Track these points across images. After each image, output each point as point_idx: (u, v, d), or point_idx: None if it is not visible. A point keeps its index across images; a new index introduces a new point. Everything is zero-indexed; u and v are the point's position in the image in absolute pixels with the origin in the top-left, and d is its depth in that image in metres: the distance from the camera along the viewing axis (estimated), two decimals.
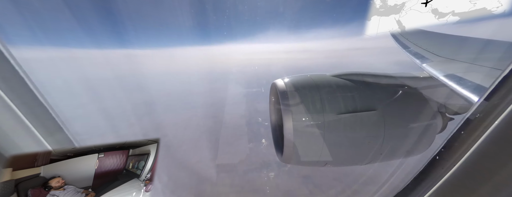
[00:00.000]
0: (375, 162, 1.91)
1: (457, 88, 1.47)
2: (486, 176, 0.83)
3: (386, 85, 1.91)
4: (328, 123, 1.68)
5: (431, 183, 1.02)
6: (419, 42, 3.12)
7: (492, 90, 0.85)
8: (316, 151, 1.74)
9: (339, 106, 1.73)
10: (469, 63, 1.92)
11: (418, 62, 2.27)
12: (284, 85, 1.85)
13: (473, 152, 0.86)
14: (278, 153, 2.02)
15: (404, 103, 1.86)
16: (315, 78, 1.94)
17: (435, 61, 2.16)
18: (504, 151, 0.77)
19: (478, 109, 0.89)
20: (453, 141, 0.97)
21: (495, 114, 0.79)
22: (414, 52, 2.64)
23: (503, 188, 0.79)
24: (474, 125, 0.89)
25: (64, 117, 1.64)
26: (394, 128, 1.74)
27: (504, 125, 0.76)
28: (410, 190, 1.18)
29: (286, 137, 1.73)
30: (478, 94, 1.30)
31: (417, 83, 2.00)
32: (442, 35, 3.55)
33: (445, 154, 1.00)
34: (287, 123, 1.69)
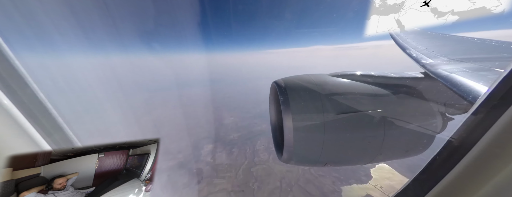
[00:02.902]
0: (375, 162, 1.91)
1: (457, 88, 1.47)
2: (486, 176, 0.83)
3: (386, 85, 1.91)
4: (328, 123, 1.68)
5: (431, 183, 1.02)
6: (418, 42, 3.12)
7: (492, 90, 0.85)
8: (316, 151, 1.74)
9: (339, 106, 1.73)
10: (469, 63, 1.93)
11: (418, 62, 2.27)
12: (284, 85, 1.85)
13: (473, 152, 0.86)
14: (278, 153, 2.02)
15: (404, 103, 1.87)
16: (315, 78, 1.94)
17: (435, 61, 2.16)
18: (505, 151, 0.77)
19: (478, 109, 0.89)
20: (453, 141, 0.97)
21: (495, 114, 0.79)
22: (414, 52, 2.64)
23: (503, 189, 0.79)
24: (474, 125, 0.89)
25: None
26: (394, 128, 1.74)
27: (504, 125, 0.76)
28: (410, 190, 1.18)
29: (286, 137, 1.73)
30: (478, 94, 1.30)
31: (417, 83, 2.00)
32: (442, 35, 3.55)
33: (445, 154, 1.00)
34: (287, 122, 1.69)
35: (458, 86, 1.48)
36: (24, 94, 1.45)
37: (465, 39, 2.99)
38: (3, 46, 1.32)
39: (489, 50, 2.36)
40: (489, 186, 0.81)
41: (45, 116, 1.57)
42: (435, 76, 1.80)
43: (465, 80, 1.50)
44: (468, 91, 1.37)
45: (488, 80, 1.47)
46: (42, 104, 1.56)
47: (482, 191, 0.83)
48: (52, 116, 1.62)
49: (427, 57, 2.34)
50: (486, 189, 0.82)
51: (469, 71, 1.68)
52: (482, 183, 0.83)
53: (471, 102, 1.26)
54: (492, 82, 0.86)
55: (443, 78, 1.68)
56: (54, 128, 1.63)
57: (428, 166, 1.08)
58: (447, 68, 1.82)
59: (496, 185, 0.80)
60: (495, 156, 0.80)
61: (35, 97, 1.52)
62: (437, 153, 1.04)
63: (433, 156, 1.06)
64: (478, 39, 2.79)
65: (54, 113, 1.63)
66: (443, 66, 1.90)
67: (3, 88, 1.34)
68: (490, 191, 0.81)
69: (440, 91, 1.86)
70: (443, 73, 1.74)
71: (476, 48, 2.50)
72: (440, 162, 1.01)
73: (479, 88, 1.35)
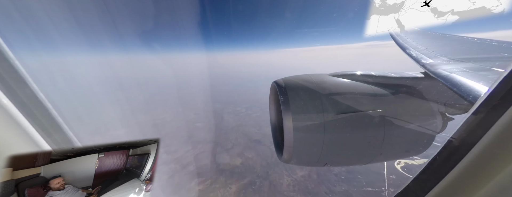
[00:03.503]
0: (375, 162, 1.91)
1: (457, 88, 1.47)
2: (487, 176, 0.83)
3: (386, 85, 1.91)
4: (328, 123, 1.68)
5: (431, 183, 1.02)
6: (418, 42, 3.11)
7: (492, 90, 0.85)
8: (316, 150, 1.74)
9: (339, 106, 1.73)
10: (469, 63, 1.93)
11: (418, 62, 2.27)
12: (284, 85, 1.85)
13: (474, 152, 0.86)
14: (278, 153, 2.02)
15: (404, 102, 1.86)
16: (315, 78, 1.94)
17: (435, 61, 2.16)
18: (505, 151, 0.77)
19: (478, 109, 0.89)
20: (453, 141, 0.96)
21: (496, 114, 0.79)
22: (414, 52, 2.64)
23: (504, 189, 0.79)
24: (474, 125, 0.89)
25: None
26: (394, 128, 1.74)
27: (504, 125, 0.76)
28: (410, 190, 1.18)
29: (286, 137, 1.73)
30: (478, 94, 1.30)
31: (417, 83, 2.00)
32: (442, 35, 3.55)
33: (445, 154, 1.00)
34: (287, 122, 1.69)
35: (458, 86, 1.48)
36: (24, 94, 1.45)
37: (465, 39, 2.99)
38: (3, 46, 1.32)
39: (489, 50, 2.36)
40: (490, 186, 0.81)
41: (45, 116, 1.57)
42: (435, 76, 1.80)
43: (465, 80, 1.50)
44: (468, 91, 1.37)
45: (489, 80, 1.47)
46: (42, 104, 1.56)
47: (483, 191, 0.83)
48: (52, 116, 1.62)
49: (427, 57, 2.34)
50: (486, 189, 0.82)
51: (469, 71, 1.68)
52: (483, 183, 0.83)
53: (471, 102, 1.26)
54: (492, 83, 0.86)
55: (443, 78, 1.68)
56: (54, 128, 1.63)
57: (428, 166, 1.08)
58: (447, 68, 1.82)
59: (497, 185, 0.80)
60: (495, 156, 0.80)
61: (35, 98, 1.52)
62: (437, 153, 1.04)
63: (433, 156, 1.06)
64: (478, 39, 2.79)
65: (54, 113, 1.63)
66: (443, 66, 1.90)
67: (3, 88, 1.34)
68: (491, 191, 0.81)
69: (440, 91, 1.86)
70: (443, 73, 1.74)
71: (476, 48, 2.50)
72: (440, 162, 1.01)
73: (479, 88, 1.35)
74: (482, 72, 1.65)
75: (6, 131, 1.33)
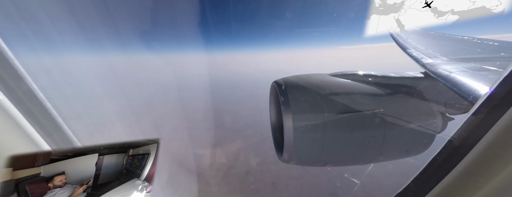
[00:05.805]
0: (375, 162, 1.91)
1: (457, 88, 1.47)
2: (487, 176, 0.82)
3: (386, 85, 1.91)
4: (328, 123, 1.68)
5: (431, 184, 1.02)
6: (419, 42, 3.11)
7: (492, 91, 0.85)
8: (316, 150, 1.74)
9: (339, 106, 1.72)
10: (469, 63, 1.92)
11: (418, 62, 2.27)
12: (284, 85, 1.85)
13: (474, 152, 0.86)
14: (278, 153, 2.02)
15: (404, 102, 1.86)
16: (315, 78, 1.94)
17: (435, 61, 2.16)
18: (505, 151, 0.77)
19: (479, 109, 0.89)
20: (454, 141, 0.96)
21: (496, 114, 0.79)
22: (414, 52, 2.64)
23: (504, 189, 0.79)
24: (474, 125, 0.89)
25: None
26: (394, 128, 1.74)
27: (504, 125, 0.76)
28: (410, 190, 1.18)
29: (286, 137, 1.73)
30: (478, 94, 1.30)
31: (418, 83, 2.00)
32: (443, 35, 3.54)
33: (445, 154, 1.00)
34: (287, 122, 1.69)
35: (459, 86, 1.48)
36: (24, 94, 1.45)
37: (465, 39, 2.99)
38: (3, 46, 1.32)
39: (489, 50, 2.35)
40: (490, 187, 0.81)
41: (44, 116, 1.57)
42: (435, 76, 1.80)
43: (466, 80, 1.50)
44: (469, 91, 1.37)
45: (489, 80, 1.47)
46: (42, 104, 1.56)
47: (483, 191, 0.83)
48: (52, 116, 1.61)
49: (427, 57, 2.34)
50: (486, 190, 0.82)
51: (470, 71, 1.68)
52: (483, 184, 0.83)
53: (472, 102, 1.26)
54: (492, 83, 0.86)
55: (443, 78, 1.68)
56: (54, 128, 1.63)
57: (428, 166, 1.08)
58: (448, 68, 1.82)
59: (497, 185, 0.80)
60: (495, 157, 0.80)
61: (35, 97, 1.52)
62: (437, 153, 1.04)
63: (433, 156, 1.06)
64: (478, 39, 2.79)
65: (54, 112, 1.63)
66: (443, 66, 1.90)
67: (3, 88, 1.34)
68: (491, 192, 0.81)
69: (440, 91, 1.86)
70: (443, 73, 1.74)
71: (476, 48, 2.50)
72: (440, 162, 1.01)
73: (480, 89, 1.35)
74: (483, 72, 1.65)
75: (6, 131, 1.33)
